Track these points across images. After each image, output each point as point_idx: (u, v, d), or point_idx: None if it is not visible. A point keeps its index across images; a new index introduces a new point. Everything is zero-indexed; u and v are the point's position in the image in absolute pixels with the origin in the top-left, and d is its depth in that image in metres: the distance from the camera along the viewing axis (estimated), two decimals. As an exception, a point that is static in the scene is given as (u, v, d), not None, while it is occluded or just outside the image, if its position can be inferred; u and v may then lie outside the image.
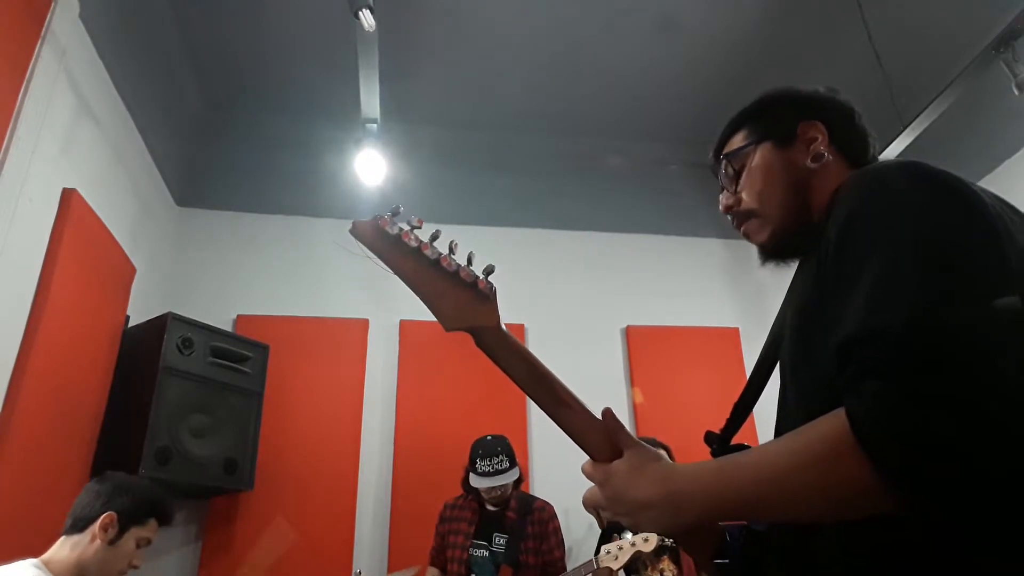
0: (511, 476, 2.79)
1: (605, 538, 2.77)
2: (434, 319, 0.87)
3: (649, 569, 2.77)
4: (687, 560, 2.59)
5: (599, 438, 0.85)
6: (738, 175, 1.00)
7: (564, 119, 4.35)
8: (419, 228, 0.84)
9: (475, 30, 3.70)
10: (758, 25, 3.66)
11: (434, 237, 0.85)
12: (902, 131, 3.34)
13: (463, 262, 0.86)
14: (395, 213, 0.84)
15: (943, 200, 0.70)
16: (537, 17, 3.61)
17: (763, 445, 0.73)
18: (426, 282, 0.85)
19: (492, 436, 2.89)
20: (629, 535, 2.63)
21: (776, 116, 0.99)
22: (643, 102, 4.22)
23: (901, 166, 0.75)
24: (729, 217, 1.02)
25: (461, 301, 0.85)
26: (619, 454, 0.83)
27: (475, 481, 2.79)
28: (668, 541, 2.66)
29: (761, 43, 3.75)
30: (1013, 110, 3.46)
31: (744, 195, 0.98)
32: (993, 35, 2.83)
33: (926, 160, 0.76)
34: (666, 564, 2.74)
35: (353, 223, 0.83)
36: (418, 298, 0.85)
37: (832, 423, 0.63)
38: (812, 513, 0.71)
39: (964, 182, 0.72)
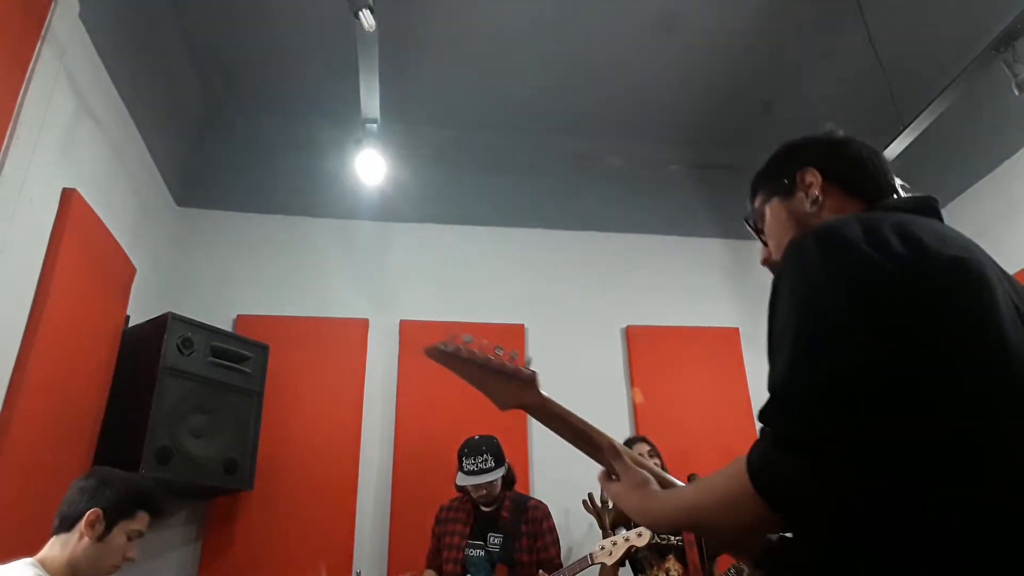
0: (495, 475, 2.78)
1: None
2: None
3: (655, 568, 2.79)
4: (692, 559, 2.63)
5: None
6: (762, 232, 1.12)
7: (564, 119, 4.35)
8: (471, 341, 1.11)
9: (475, 30, 3.70)
10: (758, 25, 3.66)
11: (467, 341, 1.11)
12: (902, 131, 3.34)
13: (508, 358, 1.11)
14: (452, 338, 1.12)
15: (827, 274, 0.79)
16: (537, 17, 3.61)
17: (700, 481, 0.92)
18: (479, 378, 1.11)
19: (479, 436, 2.88)
20: (624, 531, 2.67)
21: (778, 172, 1.09)
22: (643, 102, 4.22)
23: (815, 236, 0.84)
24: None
25: (508, 389, 1.11)
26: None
27: (460, 479, 2.81)
28: (675, 539, 2.70)
29: (761, 43, 3.75)
30: (1013, 110, 3.46)
31: (771, 248, 1.10)
32: (993, 35, 2.83)
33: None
34: (672, 563, 2.77)
35: (424, 349, 1.12)
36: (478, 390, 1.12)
37: (739, 466, 0.78)
38: (730, 535, 0.89)
39: (860, 245, 0.79)
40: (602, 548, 2.64)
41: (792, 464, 0.71)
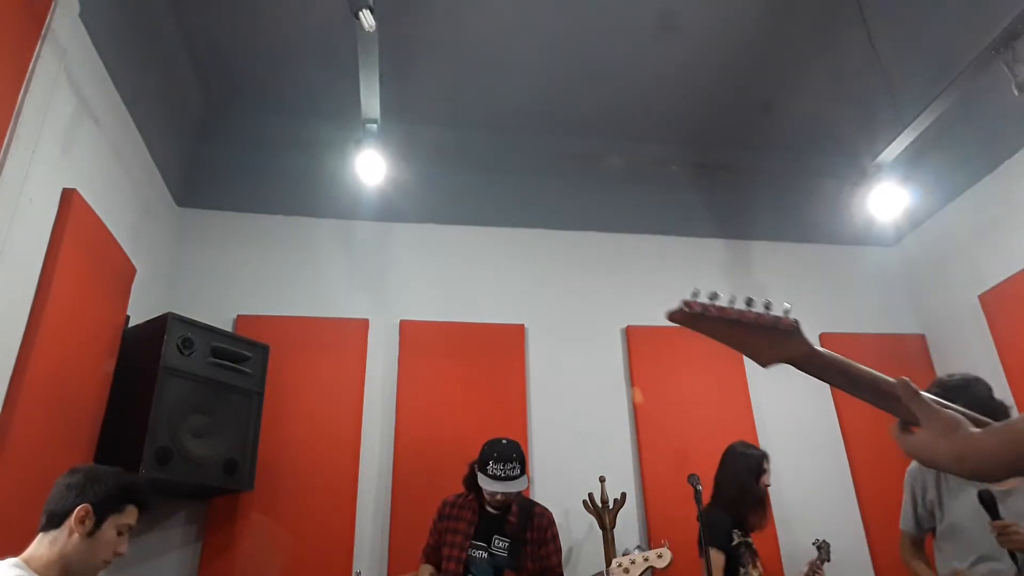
0: (521, 485, 2.72)
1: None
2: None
3: (750, 567, 2.74)
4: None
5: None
6: None
7: (564, 119, 4.34)
8: (717, 298, 1.02)
9: (475, 30, 3.70)
10: (758, 25, 3.66)
11: (712, 297, 1.02)
12: (902, 131, 3.34)
13: (761, 309, 1.00)
14: (695, 295, 1.03)
15: None
16: (537, 17, 3.61)
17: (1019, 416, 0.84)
18: (735, 337, 1.00)
19: (507, 440, 2.81)
20: (638, 551, 2.56)
21: None
22: (643, 102, 4.22)
23: None
24: None
25: (768, 343, 0.99)
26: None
27: (484, 483, 2.73)
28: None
29: (761, 43, 3.74)
30: (1013, 110, 3.46)
31: None
32: (993, 35, 2.83)
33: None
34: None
35: (668, 313, 1.03)
36: (735, 350, 1.02)
37: None
38: None
39: None
40: (619, 565, 2.52)
41: None
